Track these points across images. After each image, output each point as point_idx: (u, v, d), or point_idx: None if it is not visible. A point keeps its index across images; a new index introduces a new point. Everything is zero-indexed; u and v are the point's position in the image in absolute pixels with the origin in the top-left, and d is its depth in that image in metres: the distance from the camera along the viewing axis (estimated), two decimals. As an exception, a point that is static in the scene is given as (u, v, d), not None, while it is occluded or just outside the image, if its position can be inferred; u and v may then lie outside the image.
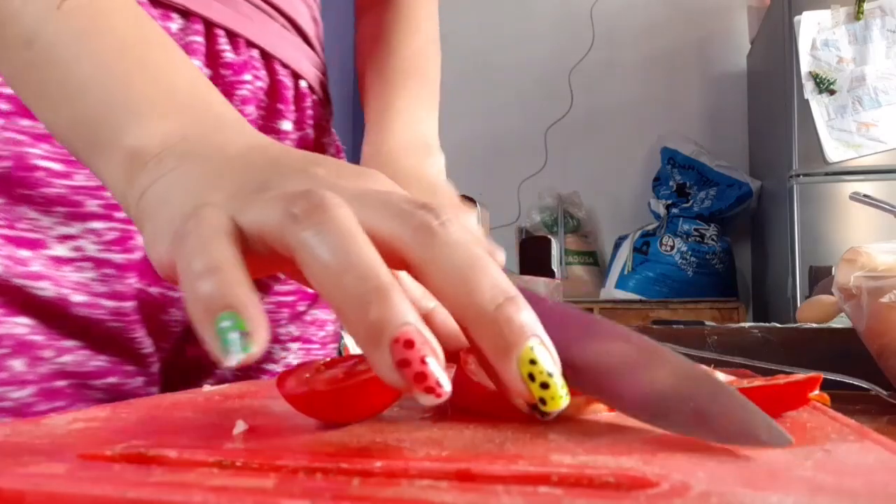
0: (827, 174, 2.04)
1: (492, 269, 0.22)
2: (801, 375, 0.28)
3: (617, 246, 2.68)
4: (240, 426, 0.24)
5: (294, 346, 0.55)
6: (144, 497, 0.16)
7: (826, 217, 2.06)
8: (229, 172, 0.26)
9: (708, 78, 2.82)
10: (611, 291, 2.57)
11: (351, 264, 0.21)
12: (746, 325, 0.70)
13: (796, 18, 2.08)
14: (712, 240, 2.53)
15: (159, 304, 0.47)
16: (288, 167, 0.26)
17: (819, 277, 1.16)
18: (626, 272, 2.55)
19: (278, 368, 0.54)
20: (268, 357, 0.54)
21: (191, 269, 0.22)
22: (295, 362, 0.55)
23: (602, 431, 0.24)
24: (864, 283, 0.52)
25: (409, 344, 0.19)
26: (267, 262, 0.24)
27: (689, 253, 2.50)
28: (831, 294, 0.61)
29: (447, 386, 0.20)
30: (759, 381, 0.30)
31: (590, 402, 0.27)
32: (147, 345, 0.47)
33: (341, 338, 0.74)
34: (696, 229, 2.53)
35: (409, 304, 0.20)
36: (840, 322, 0.73)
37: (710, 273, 2.51)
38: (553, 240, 0.95)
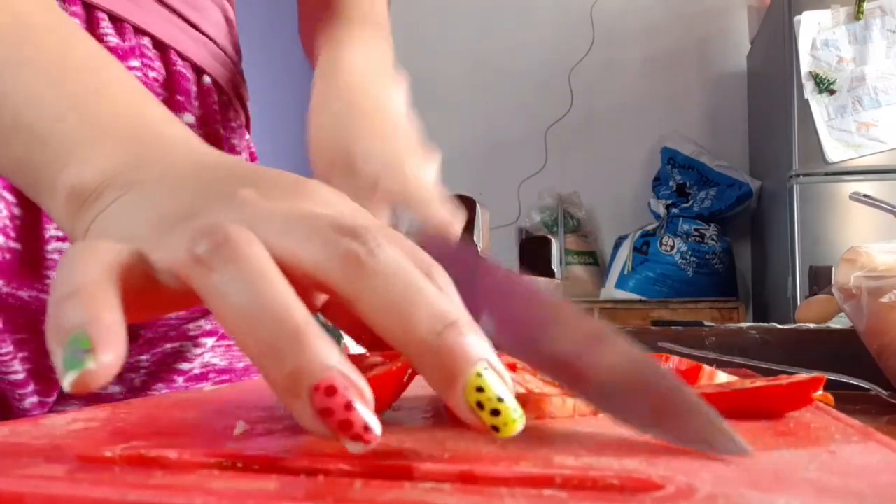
0: (827, 174, 2.04)
1: (428, 295, 0.20)
2: (804, 376, 0.28)
3: (617, 246, 2.68)
4: (240, 427, 0.24)
5: (209, 341, 0.51)
6: (145, 500, 0.16)
7: (826, 217, 2.06)
8: (164, 200, 0.25)
9: (708, 78, 2.82)
10: (611, 291, 2.57)
11: (262, 309, 0.19)
12: (745, 325, 0.70)
13: (796, 18, 2.08)
14: (712, 240, 2.53)
15: None
16: (217, 191, 0.24)
17: (819, 277, 1.15)
18: (626, 272, 2.55)
19: (195, 368, 0.50)
20: (180, 356, 0.50)
21: (53, 294, 0.20)
22: (215, 360, 0.52)
23: (604, 432, 0.24)
24: (864, 283, 0.52)
25: (331, 390, 0.18)
26: (184, 298, 0.22)
27: (689, 253, 2.50)
28: (831, 294, 0.61)
29: (377, 429, 0.18)
30: (761, 382, 0.30)
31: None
32: None
33: (341, 338, 0.74)
34: (696, 229, 2.53)
35: (329, 343, 0.19)
36: (840, 322, 0.73)
37: (710, 273, 2.51)
38: (553, 240, 0.95)
